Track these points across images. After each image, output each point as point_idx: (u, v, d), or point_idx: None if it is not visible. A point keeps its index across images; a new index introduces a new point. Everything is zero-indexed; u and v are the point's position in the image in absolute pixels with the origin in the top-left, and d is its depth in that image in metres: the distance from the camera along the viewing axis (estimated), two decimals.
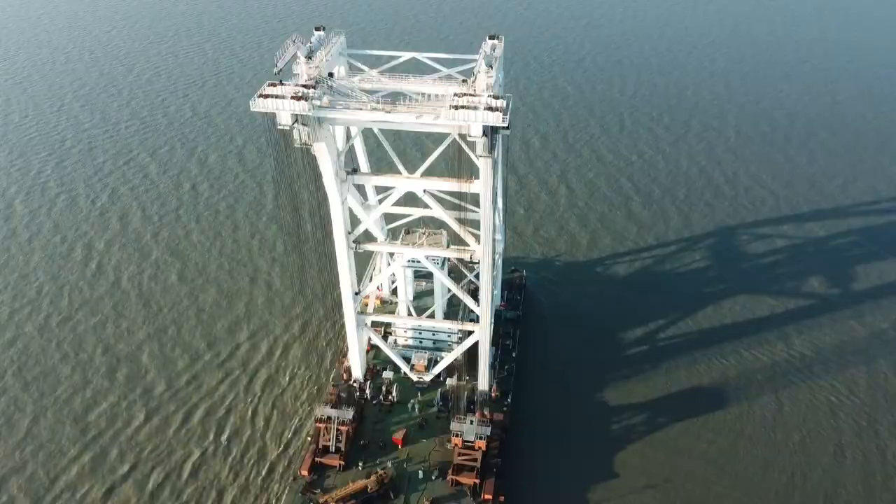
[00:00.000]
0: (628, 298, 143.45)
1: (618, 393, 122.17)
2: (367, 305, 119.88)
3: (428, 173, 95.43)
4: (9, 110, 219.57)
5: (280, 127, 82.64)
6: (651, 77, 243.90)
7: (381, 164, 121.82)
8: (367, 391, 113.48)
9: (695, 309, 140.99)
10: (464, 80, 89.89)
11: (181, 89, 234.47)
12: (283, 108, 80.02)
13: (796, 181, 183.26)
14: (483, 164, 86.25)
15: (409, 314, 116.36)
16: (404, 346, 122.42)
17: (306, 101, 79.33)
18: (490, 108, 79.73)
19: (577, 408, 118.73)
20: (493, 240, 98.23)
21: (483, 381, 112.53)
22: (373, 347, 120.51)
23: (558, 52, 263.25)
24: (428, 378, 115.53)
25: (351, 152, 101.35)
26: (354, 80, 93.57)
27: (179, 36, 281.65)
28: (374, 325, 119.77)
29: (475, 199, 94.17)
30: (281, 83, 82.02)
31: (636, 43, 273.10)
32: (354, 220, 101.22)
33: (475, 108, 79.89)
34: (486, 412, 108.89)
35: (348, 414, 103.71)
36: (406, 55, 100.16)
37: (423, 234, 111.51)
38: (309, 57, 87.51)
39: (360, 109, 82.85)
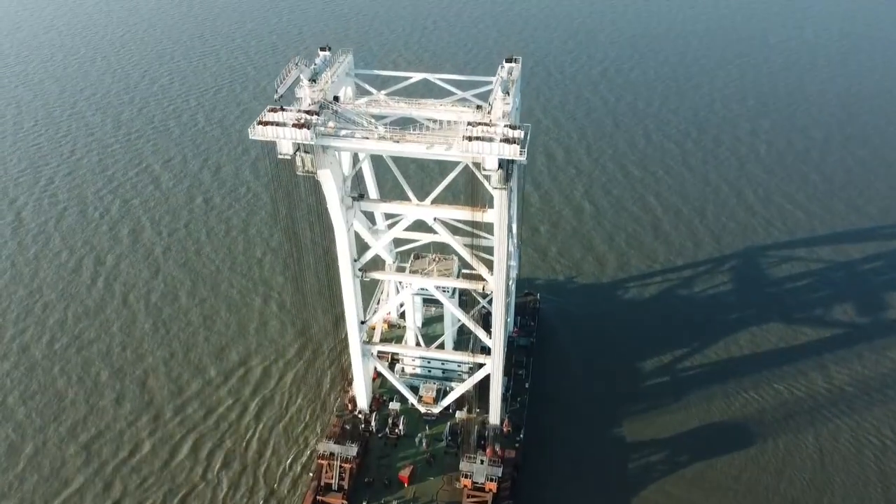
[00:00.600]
0: (650, 323, 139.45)
1: (637, 427, 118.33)
2: (373, 331, 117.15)
3: (439, 200, 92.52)
4: (20, 116, 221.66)
5: (281, 157, 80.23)
6: (678, 88, 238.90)
7: (388, 188, 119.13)
8: (373, 423, 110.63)
9: (722, 336, 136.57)
10: (478, 107, 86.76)
11: (194, 96, 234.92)
12: (283, 137, 77.63)
13: (833, 201, 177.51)
14: (498, 194, 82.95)
15: (418, 343, 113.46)
16: (412, 374, 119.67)
17: (309, 128, 76.72)
18: (507, 140, 76.33)
19: (593, 443, 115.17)
20: (508, 269, 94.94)
21: (494, 416, 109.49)
22: (379, 375, 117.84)
23: (581, 61, 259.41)
24: (437, 410, 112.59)
25: (358, 175, 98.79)
26: (362, 102, 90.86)
27: (193, 41, 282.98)
28: (381, 353, 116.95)
29: (488, 227, 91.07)
30: (282, 109, 79.51)
31: (662, 53, 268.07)
32: (362, 245, 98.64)
33: (490, 139, 76.56)
34: (498, 449, 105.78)
35: (352, 450, 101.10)
36: (417, 76, 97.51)
37: (434, 260, 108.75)
38: (313, 80, 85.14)
39: (367, 138, 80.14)
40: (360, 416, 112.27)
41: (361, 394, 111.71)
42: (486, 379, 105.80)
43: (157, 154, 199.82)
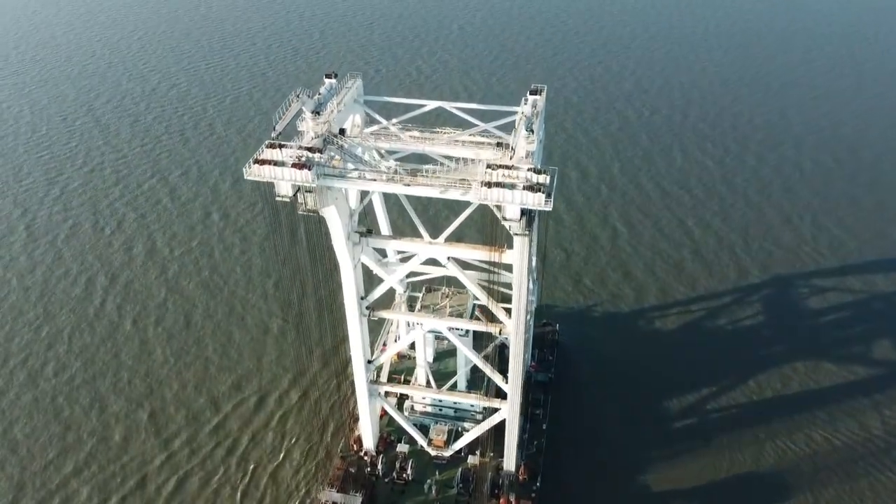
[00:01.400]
0: (677, 360, 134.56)
1: (663, 475, 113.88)
2: (381, 370, 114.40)
3: (453, 237, 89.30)
4: (19, 125, 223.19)
5: (279, 199, 77.41)
6: (715, 100, 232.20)
7: (398, 220, 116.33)
8: (380, 467, 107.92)
9: (755, 377, 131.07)
10: (499, 143, 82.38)
11: (212, 102, 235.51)
12: (282, 178, 74.91)
13: (889, 228, 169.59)
14: (519, 241, 79.48)
15: (428, 382, 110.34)
16: (422, 412, 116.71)
17: (310, 169, 73.88)
18: (531, 187, 72.42)
19: (615, 493, 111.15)
20: (526, 311, 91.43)
21: (509, 462, 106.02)
22: (386, 413, 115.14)
23: (613, 70, 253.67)
24: (447, 454, 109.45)
25: (366, 208, 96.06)
26: (370, 135, 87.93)
27: (213, 43, 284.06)
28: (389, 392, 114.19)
29: (507, 264, 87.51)
30: (281, 145, 76.69)
31: (698, 62, 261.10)
32: (369, 277, 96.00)
33: (512, 185, 72.40)
34: (512, 499, 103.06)
35: (356, 501, 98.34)
36: (431, 104, 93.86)
37: (446, 295, 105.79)
38: (317, 112, 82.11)
39: (375, 180, 77.02)
40: (365, 458, 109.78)
41: (368, 435, 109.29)
42: (502, 421, 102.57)
43: (172, 164, 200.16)
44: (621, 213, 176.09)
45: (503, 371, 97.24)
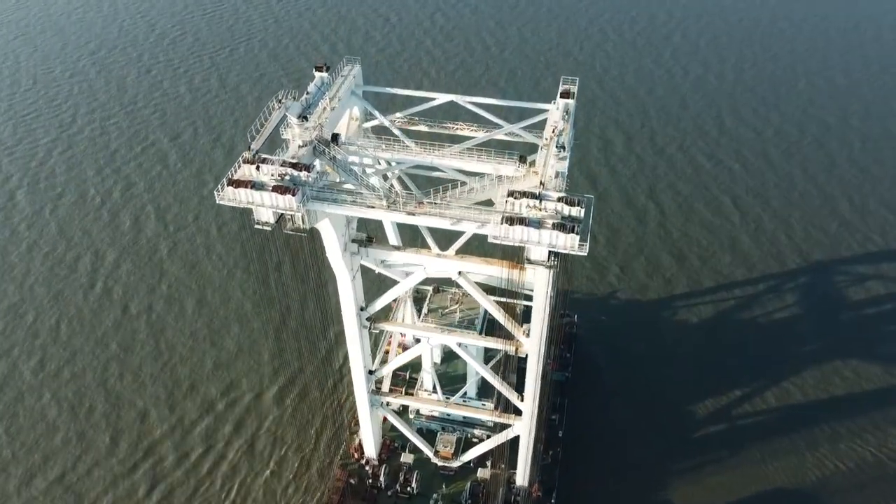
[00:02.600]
0: (712, 358, 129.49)
1: (686, 490, 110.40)
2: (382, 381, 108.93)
3: (464, 250, 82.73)
4: (17, 74, 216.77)
5: (258, 227, 68.68)
6: (755, 59, 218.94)
7: (404, 226, 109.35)
8: (382, 478, 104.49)
9: (793, 378, 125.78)
10: (521, 159, 73.92)
11: (208, 54, 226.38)
12: (261, 203, 66.55)
13: None
14: (544, 273, 71.79)
15: (434, 388, 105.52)
16: (429, 417, 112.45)
17: (294, 194, 65.39)
18: (561, 226, 63.25)
19: None
20: (547, 332, 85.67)
21: (522, 477, 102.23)
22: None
23: (642, 24, 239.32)
24: (455, 465, 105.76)
25: None
26: (369, 139, 79.28)
27: None
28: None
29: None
30: (261, 161, 67.74)
31: (735, 13, 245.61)
32: (369, 283, 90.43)
33: (539, 223, 63.61)
34: None
35: None
36: (442, 97, 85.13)
37: (456, 299, 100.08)
38: (304, 117, 73.69)
39: (373, 207, 69.36)
40: (367, 468, 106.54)
41: (370, 443, 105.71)
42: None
43: (164, 127, 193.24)
44: (651, 191, 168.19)
45: (518, 381, 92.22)
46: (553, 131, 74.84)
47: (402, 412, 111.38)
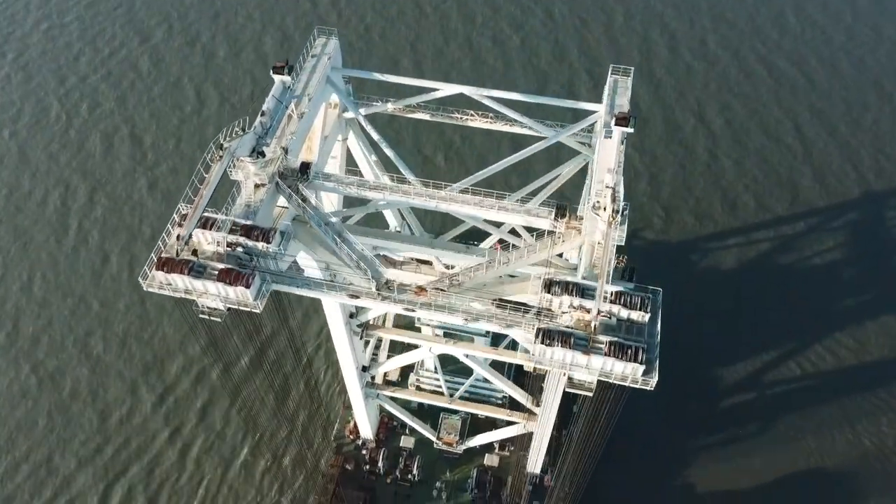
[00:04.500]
0: (754, 331, 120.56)
1: (711, 473, 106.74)
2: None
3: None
4: None
5: (203, 316, 54.35)
6: None
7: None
8: (381, 464, 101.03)
9: (855, 345, 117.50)
10: (558, 210, 57.27)
11: None
12: (204, 292, 51.44)
13: None
14: None
15: (435, 370, 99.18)
16: (431, 391, 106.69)
17: (248, 286, 50.21)
18: (620, 350, 49.42)
19: (656, 497, 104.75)
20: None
21: (535, 465, 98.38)
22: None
23: None
24: (460, 450, 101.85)
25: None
26: (351, 181, 61.21)
27: None
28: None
29: None
30: (202, 225, 51.64)
31: None
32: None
33: (587, 343, 49.66)
34: None
35: None
36: (451, 88, 68.58)
37: None
38: (260, 153, 55.95)
39: (359, 297, 55.63)
40: (364, 451, 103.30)
41: (365, 425, 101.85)
42: None
43: (132, 24, 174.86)
44: (695, 119, 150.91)
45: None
46: (604, 185, 53.81)
47: (401, 382, 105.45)
